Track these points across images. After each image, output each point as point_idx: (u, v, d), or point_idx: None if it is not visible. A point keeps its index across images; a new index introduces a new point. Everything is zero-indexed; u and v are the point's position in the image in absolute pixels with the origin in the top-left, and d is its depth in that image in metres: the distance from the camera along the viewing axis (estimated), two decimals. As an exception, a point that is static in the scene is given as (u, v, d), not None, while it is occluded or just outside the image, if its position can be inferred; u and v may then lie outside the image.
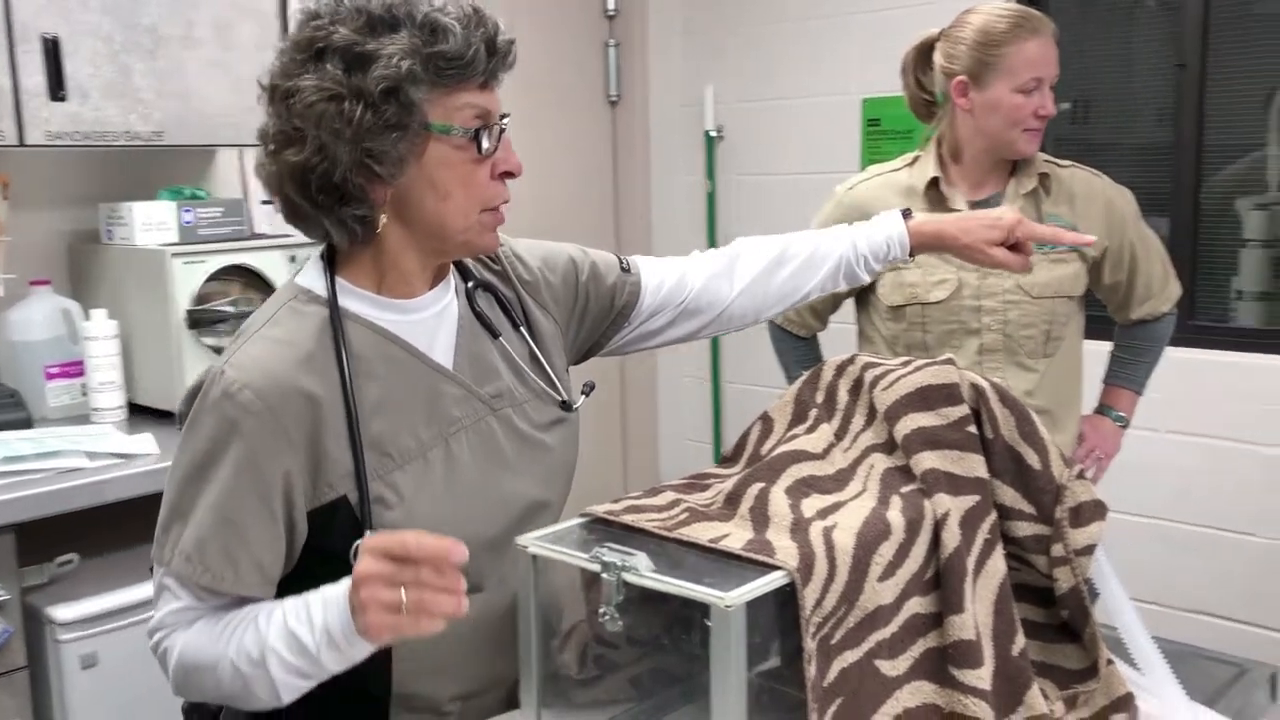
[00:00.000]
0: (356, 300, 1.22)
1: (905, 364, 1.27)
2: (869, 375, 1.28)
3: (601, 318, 1.44)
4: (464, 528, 1.13)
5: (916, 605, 1.13)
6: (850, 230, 1.55)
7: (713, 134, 3.71)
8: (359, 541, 1.04)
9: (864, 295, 2.20)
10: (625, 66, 3.72)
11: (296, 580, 1.15)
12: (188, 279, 2.28)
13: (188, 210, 2.38)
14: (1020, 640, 1.18)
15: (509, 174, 1.21)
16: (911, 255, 1.54)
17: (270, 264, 2.39)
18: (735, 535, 1.08)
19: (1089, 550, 1.23)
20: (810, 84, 3.52)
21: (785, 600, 1.02)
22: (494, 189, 1.20)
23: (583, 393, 1.38)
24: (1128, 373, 2.29)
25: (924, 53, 2.13)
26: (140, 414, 2.36)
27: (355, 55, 1.12)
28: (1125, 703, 1.21)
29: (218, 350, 2.31)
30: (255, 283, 2.37)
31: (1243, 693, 1.40)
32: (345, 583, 1.05)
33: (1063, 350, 2.11)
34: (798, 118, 3.56)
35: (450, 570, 1.00)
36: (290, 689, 1.11)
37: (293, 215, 1.20)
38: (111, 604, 1.98)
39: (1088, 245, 1.75)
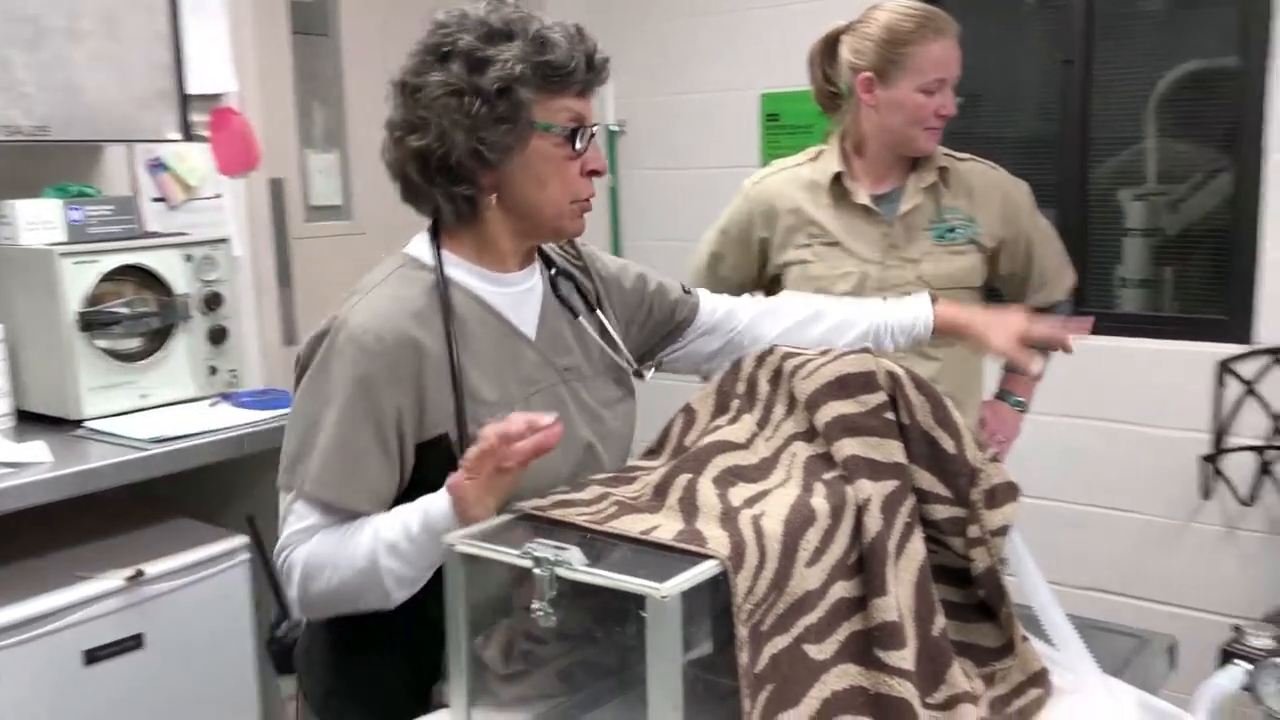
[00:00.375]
0: (458, 269, 1.41)
1: (824, 353, 1.29)
2: (788, 365, 1.30)
3: (660, 327, 1.62)
4: (546, 467, 1.28)
5: (841, 589, 1.15)
6: (883, 305, 1.72)
7: (615, 129, 3.71)
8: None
9: (772, 288, 2.23)
10: (524, 61, 3.71)
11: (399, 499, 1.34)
12: (78, 280, 2.20)
13: (75, 209, 2.29)
14: (940, 620, 1.21)
15: (596, 172, 1.40)
16: (933, 336, 1.71)
17: (166, 263, 2.31)
18: (666, 526, 1.08)
19: (1003, 531, 1.26)
20: (710, 79, 3.54)
21: (717, 589, 1.03)
22: (582, 183, 1.40)
23: (650, 367, 1.58)
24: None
25: (830, 45, 2.16)
26: (30, 421, 2.26)
27: (476, 59, 1.32)
28: (1040, 678, 1.25)
29: (112, 353, 2.23)
30: (150, 283, 2.29)
31: (1145, 663, 1.47)
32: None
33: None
34: (698, 112, 3.59)
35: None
36: (395, 578, 1.27)
37: (409, 193, 1.41)
38: (6, 619, 1.90)
39: (1083, 334, 1.80)
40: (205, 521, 2.28)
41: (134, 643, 2.02)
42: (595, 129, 1.40)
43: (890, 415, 1.24)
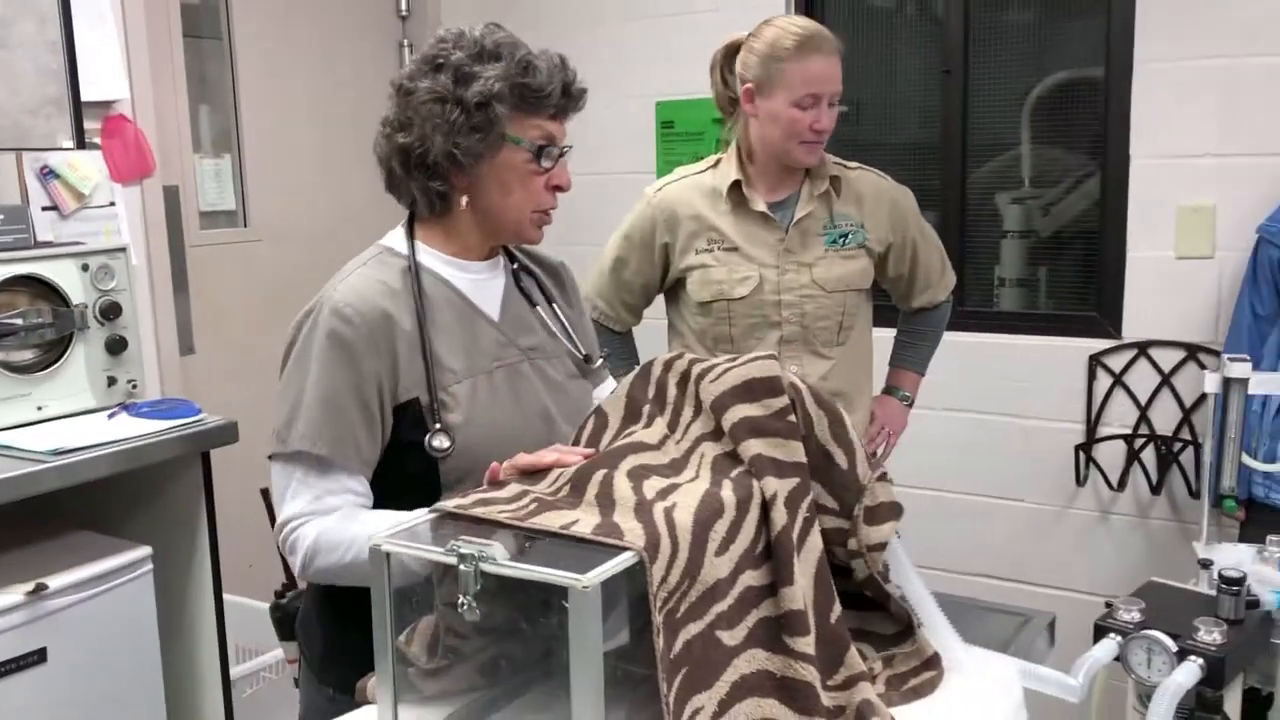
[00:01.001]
0: (428, 256, 1.58)
1: (730, 359, 1.36)
2: (695, 370, 1.36)
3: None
4: (508, 433, 1.51)
5: (749, 578, 1.22)
6: None
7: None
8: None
9: (674, 291, 2.30)
10: (420, 66, 3.72)
11: (380, 466, 1.51)
12: (-32, 291, 2.16)
13: (-37, 219, 2.25)
14: (837, 608, 1.29)
15: (559, 187, 1.57)
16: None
17: (62, 273, 2.28)
18: (584, 520, 1.14)
19: (881, 547, 1.33)
20: (606, 87, 3.59)
21: (633, 578, 1.08)
22: (545, 196, 1.57)
23: (601, 356, 1.74)
24: (911, 355, 2.49)
25: (731, 53, 2.24)
26: (-80, 437, 2.21)
27: (463, 73, 1.49)
28: (935, 661, 1.34)
29: (7, 365, 2.20)
30: (46, 293, 2.26)
31: (1027, 640, 1.57)
32: None
33: (853, 338, 2.27)
34: (595, 119, 3.62)
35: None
36: None
37: (391, 184, 1.58)
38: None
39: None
40: (105, 534, 2.26)
41: (37, 657, 2.00)
42: (567, 149, 1.57)
43: (793, 418, 1.31)
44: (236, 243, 3.30)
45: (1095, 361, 3.03)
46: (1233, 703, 1.57)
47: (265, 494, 1.86)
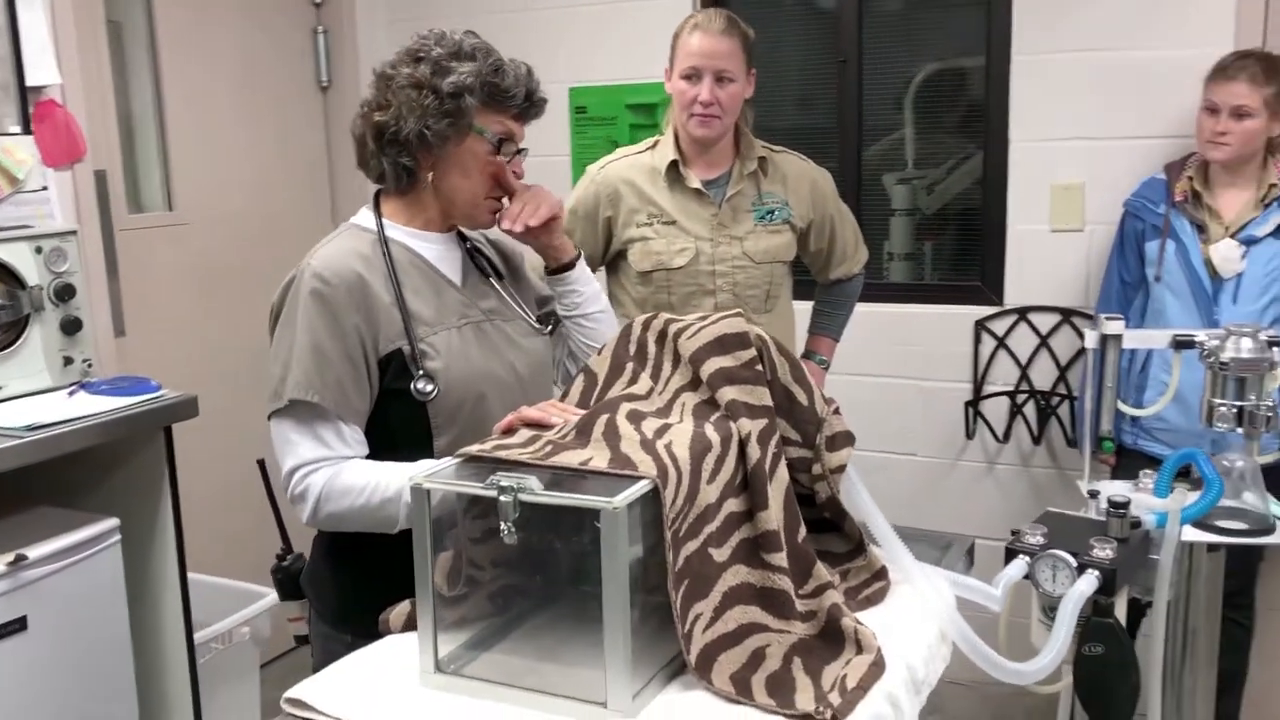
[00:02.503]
0: (394, 230, 1.75)
1: (702, 318, 1.55)
2: (672, 329, 1.55)
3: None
4: (484, 377, 1.70)
5: (732, 505, 1.42)
6: None
7: (425, 119, 3.85)
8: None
9: (615, 263, 2.49)
10: (335, 52, 3.80)
11: (372, 418, 1.68)
12: (-73, 274, 2.21)
13: (-86, 203, 2.29)
14: (802, 530, 1.50)
15: (509, 181, 1.74)
16: None
17: (17, 255, 2.34)
18: (598, 457, 1.32)
19: (841, 469, 1.55)
20: (518, 72, 3.74)
21: (645, 504, 1.27)
22: (498, 186, 1.75)
23: (551, 326, 1.92)
24: (827, 324, 2.73)
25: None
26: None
27: (441, 66, 1.67)
28: (883, 573, 1.56)
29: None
30: (2, 276, 2.32)
31: (949, 563, 1.81)
32: None
33: (779, 307, 2.50)
34: (508, 104, 3.78)
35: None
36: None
37: (362, 159, 1.75)
38: None
39: None
40: (68, 508, 2.33)
41: (19, 625, 2.08)
42: (524, 150, 1.76)
43: (760, 367, 1.51)
44: (164, 226, 3.35)
45: (980, 326, 3.32)
46: (1119, 610, 1.84)
47: (261, 465, 1.97)
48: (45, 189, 2.81)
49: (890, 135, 3.58)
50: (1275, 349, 2.13)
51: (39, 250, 2.38)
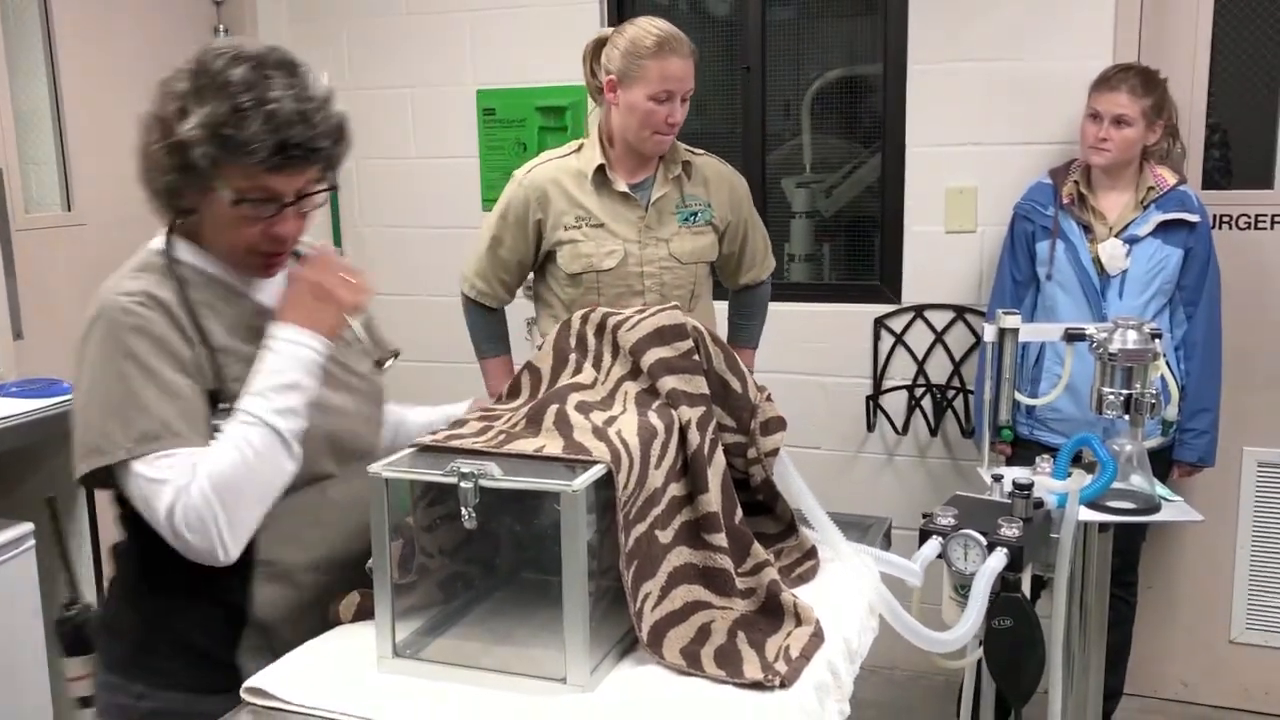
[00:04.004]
0: (194, 256, 1.51)
1: (640, 311, 1.61)
2: (611, 321, 1.61)
3: None
4: (315, 433, 1.48)
5: (674, 489, 1.48)
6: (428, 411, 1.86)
7: (330, 120, 3.83)
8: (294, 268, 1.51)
9: (543, 266, 2.53)
10: (236, 51, 3.75)
11: None
12: None
13: None
14: (739, 512, 1.57)
15: (278, 238, 1.47)
16: None
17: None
18: (551, 444, 1.37)
19: (774, 453, 1.63)
20: (425, 74, 3.76)
21: (598, 489, 1.32)
22: (260, 242, 1.48)
23: (391, 356, 1.74)
24: (744, 335, 2.83)
25: (599, 46, 2.50)
26: None
27: (181, 108, 1.41)
28: (813, 553, 1.64)
29: None
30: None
31: (871, 540, 1.90)
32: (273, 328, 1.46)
33: (700, 306, 2.58)
34: (415, 105, 3.79)
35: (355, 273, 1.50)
36: (292, 431, 1.43)
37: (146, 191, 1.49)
38: None
39: None
40: (-22, 512, 2.28)
41: (-64, 631, 2.03)
42: (309, 198, 1.47)
43: (698, 357, 1.58)
44: (61, 227, 3.27)
45: (879, 324, 3.45)
46: (1024, 585, 1.96)
47: (51, 503, 1.81)
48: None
49: (790, 141, 3.70)
50: (1157, 340, 2.29)
51: None
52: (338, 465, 1.56)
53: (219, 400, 1.44)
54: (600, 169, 2.47)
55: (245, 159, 1.38)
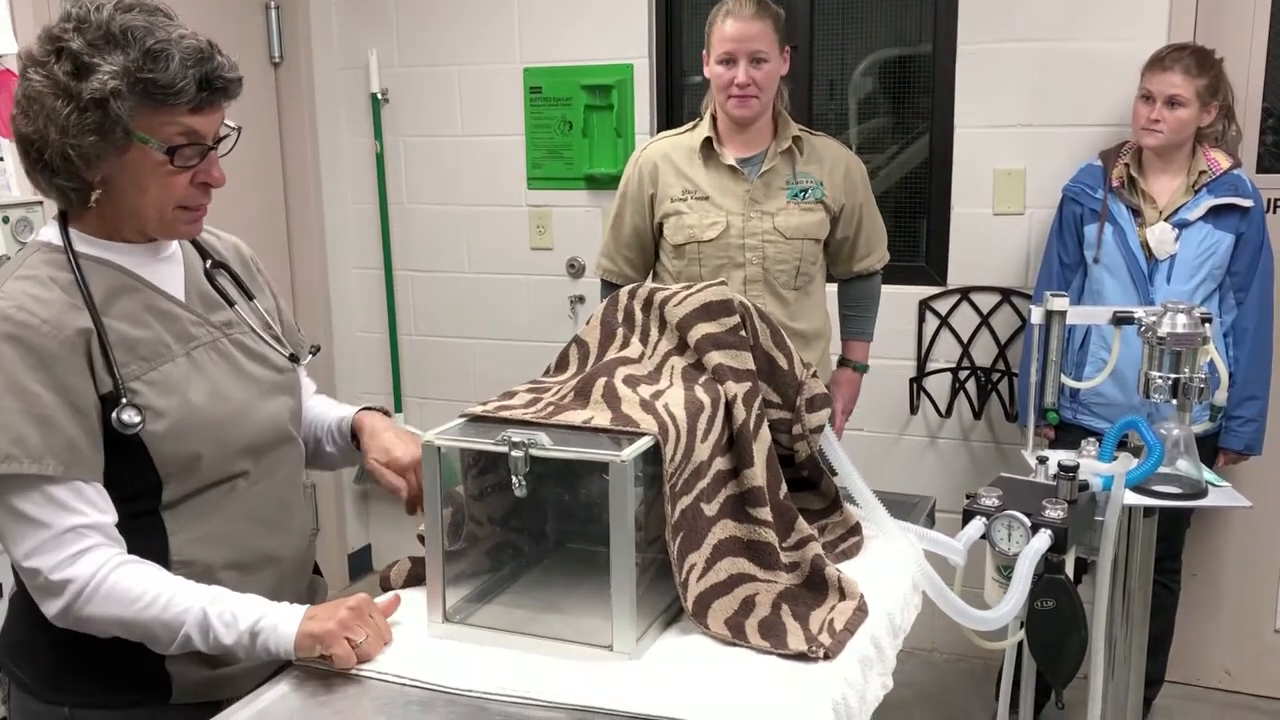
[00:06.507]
0: (90, 246, 1.42)
1: (686, 287, 1.63)
2: (658, 297, 1.63)
3: None
4: (228, 430, 1.44)
5: (720, 463, 1.50)
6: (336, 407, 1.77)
7: (378, 96, 3.87)
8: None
9: (658, 240, 2.65)
10: (287, 28, 3.79)
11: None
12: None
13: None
14: (784, 487, 1.59)
15: (208, 184, 1.42)
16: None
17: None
18: (599, 416, 1.39)
19: (820, 429, 1.64)
20: (473, 52, 3.78)
21: (645, 460, 1.34)
22: (190, 192, 1.41)
23: (310, 352, 1.68)
24: (857, 326, 2.86)
25: None
26: None
27: (81, 64, 1.31)
28: (857, 529, 1.66)
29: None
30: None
31: (915, 518, 1.90)
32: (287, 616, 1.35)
33: (811, 288, 2.63)
34: (462, 83, 3.81)
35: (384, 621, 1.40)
36: (187, 646, 1.35)
37: (29, 175, 1.40)
38: None
39: None
40: None
41: None
42: (217, 143, 1.41)
43: (744, 333, 1.59)
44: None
45: (924, 305, 3.44)
46: (1068, 568, 1.95)
47: None
48: (1, 160, 2.79)
49: (836, 121, 3.68)
50: (1207, 325, 2.27)
51: (5, 220, 2.37)
52: (252, 462, 1.49)
53: (118, 398, 1.35)
54: (707, 142, 2.54)
55: (172, 100, 1.33)
